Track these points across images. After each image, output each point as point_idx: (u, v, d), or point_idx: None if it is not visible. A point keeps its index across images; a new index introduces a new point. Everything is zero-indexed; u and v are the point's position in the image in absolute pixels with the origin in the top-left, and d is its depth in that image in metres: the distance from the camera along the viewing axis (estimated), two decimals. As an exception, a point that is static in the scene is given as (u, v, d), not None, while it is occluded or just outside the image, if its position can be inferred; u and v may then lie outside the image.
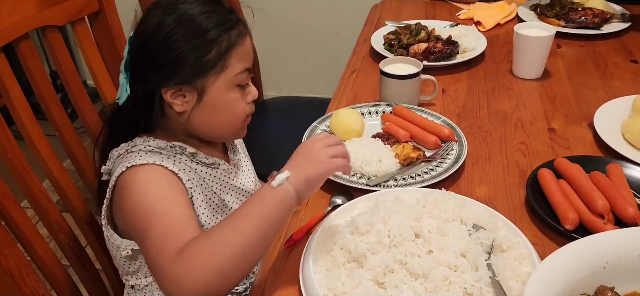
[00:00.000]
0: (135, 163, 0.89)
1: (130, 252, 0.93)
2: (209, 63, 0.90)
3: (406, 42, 1.54)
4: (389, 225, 0.86)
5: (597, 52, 1.55)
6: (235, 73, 0.92)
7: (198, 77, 0.90)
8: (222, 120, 0.96)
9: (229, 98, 0.94)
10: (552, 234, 0.92)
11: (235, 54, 0.91)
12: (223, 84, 0.92)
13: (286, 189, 0.80)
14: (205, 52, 0.89)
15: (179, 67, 0.89)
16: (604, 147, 1.12)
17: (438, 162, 1.08)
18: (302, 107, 2.08)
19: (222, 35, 0.90)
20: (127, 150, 0.94)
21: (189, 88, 0.91)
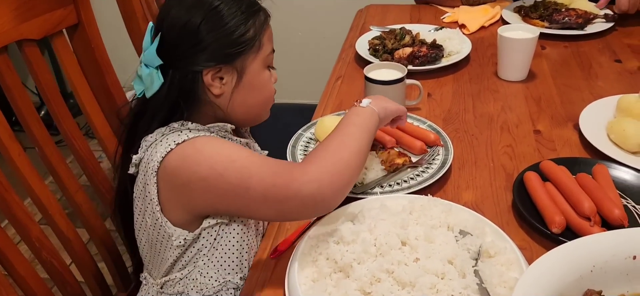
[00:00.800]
0: (183, 139, 0.87)
1: (183, 242, 0.91)
2: (248, 42, 0.93)
3: (391, 46, 1.53)
4: (374, 234, 0.85)
5: (581, 52, 1.56)
6: (268, 53, 0.97)
7: (239, 57, 0.93)
8: (259, 100, 0.99)
9: (263, 77, 0.97)
10: (540, 238, 0.91)
11: (266, 34, 0.96)
12: (259, 64, 0.96)
13: (371, 108, 0.96)
14: (245, 31, 0.92)
15: (219, 48, 0.92)
16: (589, 148, 1.12)
17: (424, 167, 1.07)
18: (289, 114, 2.05)
19: (255, 15, 0.94)
20: (164, 133, 0.91)
21: (229, 68, 0.93)
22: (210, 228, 0.93)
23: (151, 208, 0.91)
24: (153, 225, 0.93)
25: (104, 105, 1.16)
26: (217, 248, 0.95)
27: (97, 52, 1.12)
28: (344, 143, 0.89)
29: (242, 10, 0.92)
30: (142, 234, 0.98)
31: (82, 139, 1.11)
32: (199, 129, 0.92)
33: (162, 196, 0.90)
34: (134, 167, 0.93)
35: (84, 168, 1.12)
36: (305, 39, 3.00)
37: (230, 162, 0.85)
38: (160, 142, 0.89)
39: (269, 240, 0.97)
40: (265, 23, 0.96)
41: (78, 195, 1.09)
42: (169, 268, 0.96)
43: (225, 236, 0.94)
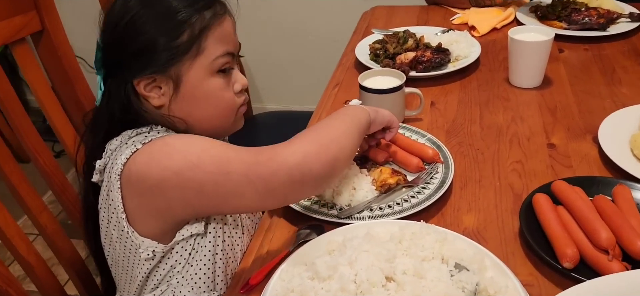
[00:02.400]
0: (151, 139, 0.80)
1: (151, 254, 0.83)
2: (181, 47, 0.82)
3: (393, 51, 1.42)
4: (355, 268, 0.74)
5: (603, 55, 1.42)
6: (214, 57, 0.84)
7: (171, 64, 0.82)
8: (208, 112, 0.88)
9: (210, 86, 0.85)
10: (549, 272, 0.79)
11: (212, 36, 0.83)
12: (201, 70, 0.84)
13: (361, 106, 0.92)
14: (176, 35, 0.81)
15: (148, 54, 0.82)
16: (610, 165, 0.99)
17: (420, 187, 0.96)
18: (291, 122, 1.97)
19: (195, 15, 0.82)
20: (131, 136, 0.84)
21: (163, 77, 0.83)
22: (184, 242, 0.85)
23: (116, 218, 0.83)
24: (119, 237, 0.84)
25: (74, 118, 1.07)
26: (192, 264, 0.86)
27: (65, 60, 1.03)
28: (330, 124, 0.85)
29: (178, 8, 0.81)
30: (109, 249, 0.89)
31: (48, 154, 1.02)
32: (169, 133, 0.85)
33: (130, 205, 0.82)
34: (98, 173, 0.86)
35: (51, 185, 1.03)
36: (315, 42, 2.89)
37: (204, 151, 0.79)
38: (126, 144, 0.82)
39: (243, 270, 0.86)
40: (211, 22, 0.83)
41: (43, 216, 1.00)
42: (139, 287, 0.88)
43: (201, 251, 0.86)
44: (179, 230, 0.84)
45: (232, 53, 0.87)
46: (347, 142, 0.84)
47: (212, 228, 0.87)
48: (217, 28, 0.84)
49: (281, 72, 3.01)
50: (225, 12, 0.86)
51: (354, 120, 0.88)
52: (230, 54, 0.86)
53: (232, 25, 0.88)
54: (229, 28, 0.86)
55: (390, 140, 1.01)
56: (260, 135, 1.92)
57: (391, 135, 0.98)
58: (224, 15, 0.85)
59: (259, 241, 0.92)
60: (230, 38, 0.87)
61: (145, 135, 0.83)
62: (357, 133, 0.88)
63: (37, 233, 1.02)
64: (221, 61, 0.85)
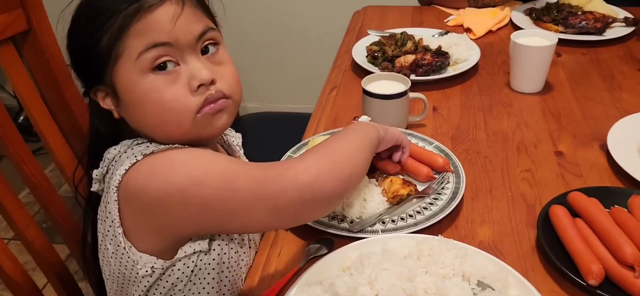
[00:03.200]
0: (152, 151, 0.75)
1: (150, 271, 0.78)
2: (103, 53, 0.74)
3: (391, 53, 1.38)
4: (375, 288, 0.70)
5: (601, 60, 1.41)
6: (137, 54, 0.74)
7: (102, 73, 0.76)
8: (150, 118, 0.77)
9: (143, 87, 0.75)
10: (572, 288, 0.77)
11: (134, 32, 0.73)
12: (129, 72, 0.75)
13: (371, 123, 0.89)
14: (97, 42, 0.74)
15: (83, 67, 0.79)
16: (620, 174, 0.98)
17: (432, 197, 0.92)
18: (280, 124, 1.92)
19: (114, 16, 0.73)
20: (130, 145, 0.79)
21: (105, 88, 0.78)
22: (186, 259, 0.79)
23: (112, 231, 0.78)
24: (115, 252, 0.79)
25: (63, 124, 1.01)
26: (195, 282, 0.81)
27: (52, 62, 0.96)
28: (341, 140, 0.81)
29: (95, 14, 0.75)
30: (105, 265, 0.84)
31: (35, 163, 0.95)
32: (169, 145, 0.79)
33: (128, 221, 0.77)
34: (98, 182, 0.80)
35: (38, 197, 0.97)
36: (299, 40, 2.85)
37: (210, 165, 0.74)
38: (125, 153, 0.77)
39: (251, 290, 0.82)
40: (126, 22, 0.73)
41: (29, 230, 0.93)
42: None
43: (204, 268, 0.81)
44: (181, 247, 0.79)
45: (162, 43, 0.74)
46: (360, 159, 0.81)
47: (217, 245, 0.81)
48: (141, 21, 0.73)
49: (262, 71, 2.95)
50: (160, 3, 0.75)
51: (366, 136, 0.85)
52: (159, 44, 0.74)
53: (170, 13, 0.75)
54: (160, 17, 0.74)
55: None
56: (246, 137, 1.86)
57: (405, 156, 0.96)
58: (156, 5, 0.74)
59: (265, 256, 0.87)
60: (161, 28, 0.74)
61: (146, 145, 0.78)
62: (369, 151, 0.84)
63: (12, 236, 0.95)
64: (148, 56, 0.74)
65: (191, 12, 0.77)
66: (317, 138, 1.03)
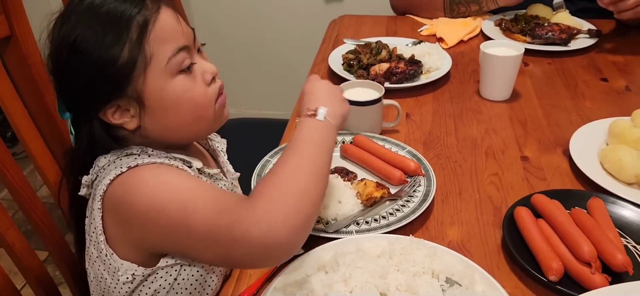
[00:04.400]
0: (137, 164, 0.76)
1: (130, 278, 0.79)
2: (127, 65, 0.75)
3: (366, 62, 1.42)
4: (350, 285, 0.74)
5: (565, 69, 1.48)
6: (166, 59, 0.77)
7: (125, 85, 0.76)
8: (184, 117, 0.81)
9: (175, 89, 0.79)
10: (534, 284, 0.81)
11: (155, 39, 0.76)
12: (158, 78, 0.77)
13: (329, 122, 0.84)
14: (113, 60, 0.75)
15: (99, 86, 0.76)
16: (581, 178, 1.03)
17: (404, 200, 0.97)
18: (258, 130, 1.94)
19: (127, 28, 0.75)
20: (119, 156, 0.80)
21: (125, 100, 0.78)
22: (169, 268, 0.81)
23: (95, 238, 0.80)
24: (98, 257, 0.81)
25: (43, 129, 1.02)
26: (177, 291, 0.83)
27: (33, 68, 0.97)
28: (300, 167, 0.76)
29: (106, 32, 0.75)
30: (90, 268, 0.85)
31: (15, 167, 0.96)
32: (160, 156, 0.81)
33: (110, 229, 0.79)
34: (86, 187, 0.82)
35: (19, 201, 0.98)
36: (276, 48, 2.88)
37: (173, 195, 0.74)
38: (114, 162, 0.79)
39: (230, 287, 0.84)
40: (143, 30, 0.76)
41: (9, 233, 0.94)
42: None
43: (187, 279, 0.83)
44: (163, 256, 0.81)
45: (184, 46, 0.79)
46: (320, 188, 0.77)
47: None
48: (156, 28, 0.77)
49: (239, 77, 2.98)
50: (158, 8, 0.78)
51: (326, 151, 0.81)
52: (183, 48, 0.79)
53: (172, 16, 0.79)
54: (169, 22, 0.78)
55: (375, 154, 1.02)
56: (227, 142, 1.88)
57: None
58: (157, 12, 0.77)
59: (243, 256, 0.90)
60: (176, 31, 0.79)
61: (134, 157, 0.79)
62: (329, 164, 0.82)
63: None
64: (177, 60, 0.78)
65: (179, 15, 0.82)
66: (294, 143, 1.06)
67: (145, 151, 0.82)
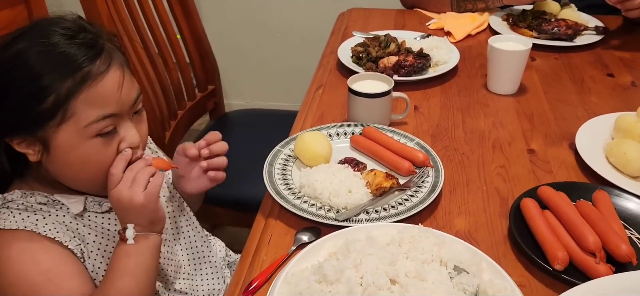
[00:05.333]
0: (4, 227, 0.79)
1: None
2: (45, 112, 0.76)
3: (375, 54, 1.44)
4: (361, 271, 0.76)
5: (572, 64, 1.49)
6: (87, 122, 0.78)
7: (36, 128, 0.78)
8: (82, 175, 0.83)
9: (84, 151, 0.80)
10: (540, 273, 0.84)
11: (85, 100, 0.77)
12: (71, 135, 0.79)
13: (141, 238, 0.83)
14: (40, 100, 0.76)
15: (14, 117, 0.78)
16: (587, 171, 1.05)
17: (413, 190, 0.99)
18: (266, 120, 1.96)
19: (63, 79, 0.76)
20: (3, 203, 0.83)
21: (32, 139, 0.80)
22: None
23: None
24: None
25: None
26: None
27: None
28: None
29: (43, 72, 0.75)
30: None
31: None
32: (41, 205, 0.84)
33: None
34: None
35: None
36: (283, 40, 2.89)
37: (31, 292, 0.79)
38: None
39: (242, 274, 0.87)
40: (75, 89, 0.76)
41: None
42: None
43: None
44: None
45: (112, 114, 0.80)
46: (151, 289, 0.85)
47: None
48: (92, 89, 0.77)
49: (246, 69, 2.99)
50: (107, 69, 0.79)
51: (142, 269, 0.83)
52: (110, 116, 0.80)
53: (115, 80, 0.80)
54: (107, 87, 0.79)
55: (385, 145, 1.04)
56: (233, 132, 1.91)
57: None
58: (104, 73, 0.78)
59: (255, 244, 0.92)
60: (110, 98, 0.79)
61: (2, 212, 0.82)
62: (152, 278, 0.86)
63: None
64: (97, 126, 0.79)
65: (129, 78, 0.83)
66: (306, 133, 1.08)
67: (26, 196, 0.83)
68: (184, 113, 1.77)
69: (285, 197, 0.96)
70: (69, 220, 0.85)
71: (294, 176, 1.04)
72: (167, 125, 1.67)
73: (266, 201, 1.01)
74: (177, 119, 1.73)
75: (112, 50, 0.82)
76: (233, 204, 1.59)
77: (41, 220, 0.82)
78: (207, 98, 1.91)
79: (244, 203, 1.55)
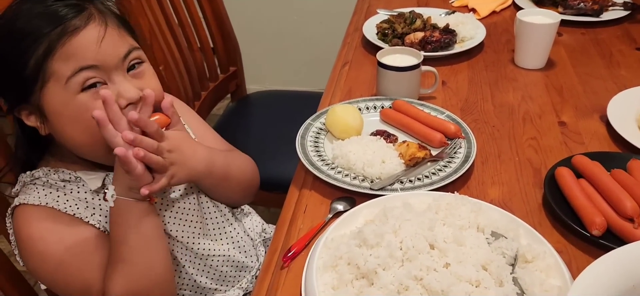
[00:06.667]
0: (28, 202, 0.83)
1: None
2: (29, 78, 0.77)
3: (401, 31, 1.44)
4: (400, 236, 0.77)
5: (600, 40, 1.48)
6: (65, 77, 0.77)
7: (28, 95, 0.79)
8: (82, 136, 0.81)
9: (73, 108, 0.79)
10: (577, 240, 0.84)
11: (61, 56, 0.77)
12: (57, 95, 0.78)
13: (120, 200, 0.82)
14: (22, 66, 0.77)
15: (10, 89, 0.80)
16: (619, 142, 1.05)
17: (446, 161, 0.99)
18: (287, 101, 1.97)
19: (41, 40, 0.76)
20: (31, 179, 0.86)
21: (30, 107, 0.81)
22: None
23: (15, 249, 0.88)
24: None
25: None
26: None
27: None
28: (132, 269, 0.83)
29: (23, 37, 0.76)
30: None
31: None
32: (64, 182, 0.86)
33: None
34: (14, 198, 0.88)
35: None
36: (301, 23, 2.89)
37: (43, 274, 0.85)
38: (23, 187, 0.87)
39: (279, 242, 0.88)
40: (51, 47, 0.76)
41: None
42: None
43: None
44: None
45: (91, 66, 0.78)
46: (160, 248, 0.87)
47: None
48: (66, 46, 0.77)
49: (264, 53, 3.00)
50: (84, 25, 0.78)
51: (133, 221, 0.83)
52: (88, 67, 0.78)
53: (94, 36, 0.78)
54: (85, 41, 0.78)
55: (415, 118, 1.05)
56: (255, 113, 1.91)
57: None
58: (79, 29, 0.77)
59: (290, 213, 0.94)
60: (88, 51, 0.78)
61: (28, 188, 0.85)
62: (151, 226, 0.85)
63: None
64: (77, 79, 0.77)
65: (115, 33, 0.81)
66: (337, 106, 1.09)
67: (49, 174, 0.86)
68: (207, 95, 1.79)
69: (319, 168, 0.97)
70: (91, 196, 0.87)
71: (326, 148, 1.05)
72: (192, 107, 1.68)
73: (299, 173, 1.02)
74: (201, 100, 1.75)
75: (101, 10, 0.82)
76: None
77: (62, 197, 0.85)
78: (229, 79, 1.92)
79: (268, 183, 1.56)
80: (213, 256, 0.99)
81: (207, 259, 0.98)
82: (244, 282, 1.04)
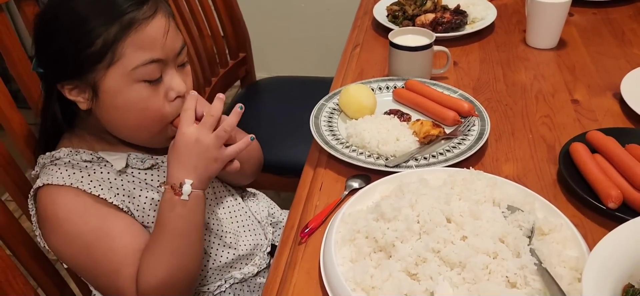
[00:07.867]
0: (52, 182, 0.83)
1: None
2: (93, 55, 0.78)
3: (412, 13, 1.44)
4: (417, 210, 0.77)
5: (612, 19, 1.47)
6: (134, 65, 0.79)
7: (86, 72, 0.79)
8: (129, 122, 0.84)
9: (131, 95, 0.81)
10: (592, 213, 0.84)
11: (132, 43, 0.78)
12: (119, 78, 0.80)
13: (196, 195, 0.83)
14: (88, 43, 0.77)
15: (63, 62, 0.80)
16: (633, 118, 1.05)
17: (459, 139, 0.99)
18: (297, 87, 1.97)
19: (112, 21, 0.77)
20: (51, 160, 0.86)
21: (82, 84, 0.81)
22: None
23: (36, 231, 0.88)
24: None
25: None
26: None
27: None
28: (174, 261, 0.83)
29: (90, 15, 0.77)
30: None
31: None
32: (86, 162, 0.87)
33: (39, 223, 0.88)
34: (33, 179, 0.89)
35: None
36: (309, 10, 2.89)
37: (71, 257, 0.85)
38: (45, 170, 0.86)
39: (296, 218, 0.89)
40: (124, 31, 0.77)
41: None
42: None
43: None
44: None
45: (159, 60, 0.81)
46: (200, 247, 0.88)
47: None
48: (139, 33, 0.78)
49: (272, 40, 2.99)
50: (153, 15, 0.80)
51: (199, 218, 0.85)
52: (156, 61, 0.81)
53: (162, 27, 0.81)
54: (154, 32, 0.80)
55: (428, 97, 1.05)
56: (264, 99, 1.92)
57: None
58: (150, 18, 0.79)
59: (306, 191, 0.94)
60: (156, 42, 0.80)
61: (50, 168, 0.85)
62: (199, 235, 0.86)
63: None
64: (144, 70, 0.80)
65: (174, 27, 0.84)
66: (351, 86, 1.09)
67: (72, 154, 0.86)
68: (217, 81, 1.79)
69: (334, 147, 0.98)
70: (114, 177, 0.88)
71: (340, 128, 1.05)
72: (202, 93, 1.69)
73: (312, 153, 1.03)
74: (211, 86, 1.76)
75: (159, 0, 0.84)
76: (267, 168, 1.62)
77: (86, 177, 0.85)
78: (238, 65, 1.93)
79: (279, 166, 1.57)
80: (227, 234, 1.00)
81: (221, 238, 0.99)
82: (257, 259, 1.05)
